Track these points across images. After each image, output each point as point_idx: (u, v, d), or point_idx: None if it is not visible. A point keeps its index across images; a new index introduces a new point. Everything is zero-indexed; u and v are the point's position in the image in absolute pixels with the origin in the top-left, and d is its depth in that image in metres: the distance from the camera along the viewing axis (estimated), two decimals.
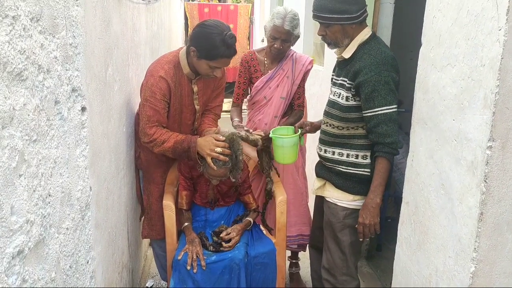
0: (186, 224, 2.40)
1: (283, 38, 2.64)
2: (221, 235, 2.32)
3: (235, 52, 2.21)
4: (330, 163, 2.18)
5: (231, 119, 2.85)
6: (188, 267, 2.21)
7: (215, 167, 2.19)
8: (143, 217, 2.64)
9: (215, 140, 2.23)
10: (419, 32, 1.78)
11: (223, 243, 2.32)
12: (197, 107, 2.45)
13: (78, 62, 1.45)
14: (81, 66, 1.48)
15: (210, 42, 2.15)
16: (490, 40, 1.28)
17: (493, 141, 1.30)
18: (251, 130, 2.59)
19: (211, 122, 2.56)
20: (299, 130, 2.44)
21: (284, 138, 2.40)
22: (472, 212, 1.38)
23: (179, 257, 2.24)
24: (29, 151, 1.07)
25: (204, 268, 2.20)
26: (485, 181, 1.32)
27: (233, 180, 2.33)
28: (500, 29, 1.24)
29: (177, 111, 2.38)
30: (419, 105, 1.78)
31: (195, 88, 2.39)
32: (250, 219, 2.46)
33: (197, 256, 2.22)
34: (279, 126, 2.61)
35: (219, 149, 2.19)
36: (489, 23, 1.29)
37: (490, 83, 1.29)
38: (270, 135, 2.43)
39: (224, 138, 2.25)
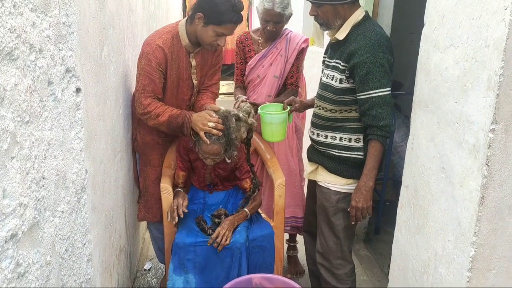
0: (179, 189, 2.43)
1: (275, 20, 2.63)
2: (212, 235, 2.21)
3: (242, 19, 2.23)
4: (322, 147, 2.16)
5: (235, 96, 2.84)
6: (171, 220, 2.27)
7: (208, 141, 2.19)
8: (139, 200, 2.63)
9: (209, 115, 2.23)
10: (420, 13, 1.74)
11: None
12: (195, 81, 2.44)
13: (71, 42, 1.41)
14: (75, 46, 1.44)
15: (219, 6, 2.16)
16: (495, 19, 1.25)
17: (496, 124, 1.27)
18: (245, 98, 2.59)
19: (209, 99, 2.55)
20: (288, 107, 2.41)
21: (272, 115, 2.37)
22: (473, 195, 1.37)
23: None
24: (21, 132, 1.04)
25: (181, 214, 2.24)
26: (487, 164, 1.30)
27: (228, 161, 2.31)
28: (506, 8, 1.21)
29: (174, 84, 2.36)
30: (420, 87, 1.75)
31: (193, 62, 2.37)
32: (246, 210, 2.36)
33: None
34: (267, 103, 2.58)
35: (212, 124, 2.19)
36: (495, 2, 1.25)
37: (495, 65, 1.26)
38: (259, 112, 2.40)
39: (217, 114, 2.25)
